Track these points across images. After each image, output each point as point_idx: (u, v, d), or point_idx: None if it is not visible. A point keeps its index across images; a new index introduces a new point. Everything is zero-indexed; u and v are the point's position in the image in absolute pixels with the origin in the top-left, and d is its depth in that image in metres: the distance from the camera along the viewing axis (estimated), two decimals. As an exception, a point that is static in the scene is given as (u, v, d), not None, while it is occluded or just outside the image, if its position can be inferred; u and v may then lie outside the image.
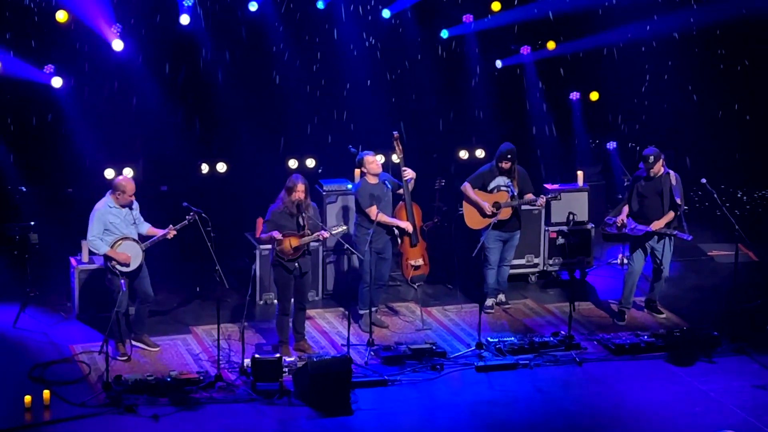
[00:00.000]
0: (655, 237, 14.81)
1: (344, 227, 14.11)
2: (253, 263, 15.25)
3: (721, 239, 17.49)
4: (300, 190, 13.59)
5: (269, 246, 14.13)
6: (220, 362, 13.16)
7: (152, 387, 12.67)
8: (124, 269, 13.48)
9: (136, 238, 13.64)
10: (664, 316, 15.33)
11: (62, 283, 15.32)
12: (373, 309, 14.56)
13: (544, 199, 15.33)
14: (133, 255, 13.54)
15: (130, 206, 13.66)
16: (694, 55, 18.73)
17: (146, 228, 13.82)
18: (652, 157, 14.70)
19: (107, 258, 13.50)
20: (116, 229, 13.56)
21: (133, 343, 13.73)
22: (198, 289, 15.56)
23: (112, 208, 13.58)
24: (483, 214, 15.07)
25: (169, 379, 12.78)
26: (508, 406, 12.84)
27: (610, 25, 18.26)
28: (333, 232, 13.93)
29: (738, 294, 14.83)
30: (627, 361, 13.93)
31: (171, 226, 13.68)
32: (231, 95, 17.13)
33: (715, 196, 14.73)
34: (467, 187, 15.24)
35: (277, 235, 13.56)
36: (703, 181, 14.81)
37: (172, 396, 12.61)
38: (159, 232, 13.71)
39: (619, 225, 14.92)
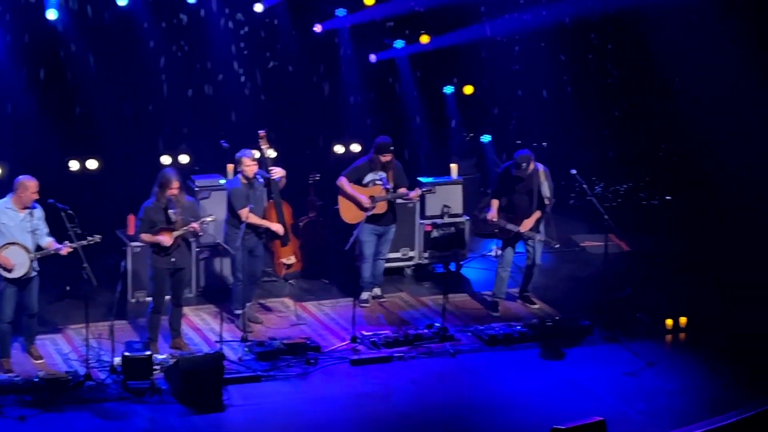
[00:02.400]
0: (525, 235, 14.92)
1: (213, 216, 13.95)
2: (122, 260, 15.01)
3: (594, 230, 17.68)
4: (175, 187, 13.43)
5: (141, 243, 13.96)
6: (90, 361, 12.98)
7: (19, 388, 12.43)
8: (6, 275, 13.08)
9: (30, 246, 13.06)
10: (537, 306, 15.47)
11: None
12: (248, 305, 14.45)
13: (419, 192, 15.35)
14: (18, 262, 13.03)
15: (30, 213, 13.08)
16: (568, 47, 18.91)
17: (46, 241, 13.15)
18: (524, 164, 14.74)
19: None
20: (8, 232, 13.02)
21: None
22: (68, 288, 15.27)
23: (9, 209, 13.06)
24: (360, 208, 15.04)
25: (36, 380, 12.56)
26: (382, 399, 12.87)
27: (485, 18, 18.35)
28: (202, 223, 13.77)
29: (609, 283, 15.02)
30: (500, 351, 14.03)
31: (67, 242, 13.09)
32: (102, 91, 16.84)
33: (585, 186, 14.89)
34: (343, 181, 15.19)
35: (165, 241, 13.38)
36: (573, 171, 14.95)
37: (40, 396, 12.37)
38: (56, 247, 13.14)
39: (489, 221, 14.94)
